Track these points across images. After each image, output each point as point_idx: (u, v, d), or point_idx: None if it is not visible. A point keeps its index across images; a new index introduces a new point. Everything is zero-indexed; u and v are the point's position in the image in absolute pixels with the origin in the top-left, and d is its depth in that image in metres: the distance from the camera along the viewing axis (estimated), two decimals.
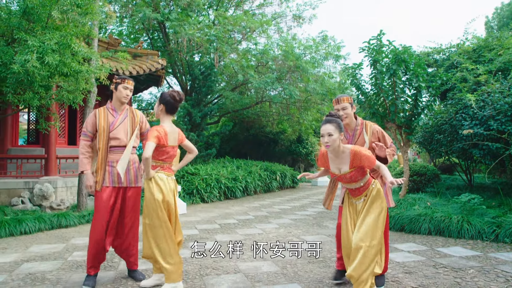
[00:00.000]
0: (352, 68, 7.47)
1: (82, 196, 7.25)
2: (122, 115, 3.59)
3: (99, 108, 3.59)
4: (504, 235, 4.92)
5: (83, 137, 3.53)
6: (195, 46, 11.60)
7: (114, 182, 3.47)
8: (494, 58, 7.65)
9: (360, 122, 3.43)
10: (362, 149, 2.86)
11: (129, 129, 3.58)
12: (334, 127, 2.81)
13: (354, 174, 2.91)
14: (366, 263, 2.81)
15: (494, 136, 6.22)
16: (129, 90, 3.58)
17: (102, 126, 3.47)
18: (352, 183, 2.99)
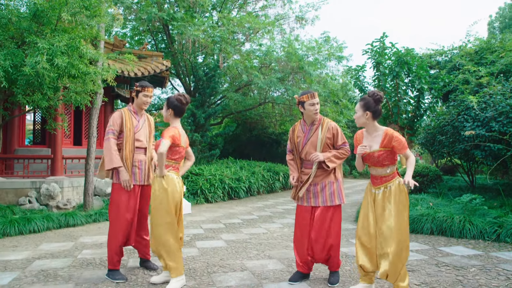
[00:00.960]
0: (355, 70, 7.56)
1: (89, 196, 7.35)
2: (142, 119, 3.87)
3: (123, 109, 3.79)
4: (506, 235, 4.99)
5: (111, 135, 3.63)
6: (199, 47, 11.71)
7: (136, 180, 3.71)
8: (496, 60, 7.73)
9: (319, 118, 3.52)
10: (395, 132, 2.99)
11: (147, 132, 3.86)
12: (360, 106, 3.04)
13: (383, 155, 2.98)
14: (403, 260, 2.90)
15: (496, 138, 6.30)
16: (149, 98, 3.81)
17: (128, 127, 3.69)
18: (378, 167, 3.03)
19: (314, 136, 3.46)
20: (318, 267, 3.92)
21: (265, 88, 12.58)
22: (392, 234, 2.91)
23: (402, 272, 2.92)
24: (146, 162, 3.80)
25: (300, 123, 3.62)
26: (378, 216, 3.02)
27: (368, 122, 3.05)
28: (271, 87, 12.50)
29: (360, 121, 3.07)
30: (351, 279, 3.57)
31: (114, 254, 3.60)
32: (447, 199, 7.33)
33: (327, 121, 3.51)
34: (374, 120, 3.05)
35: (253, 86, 13.20)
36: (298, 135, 3.56)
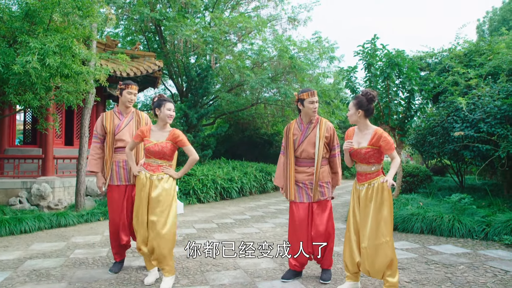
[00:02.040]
0: (347, 71, 7.62)
1: (80, 196, 7.32)
2: (128, 118, 3.88)
3: (106, 112, 3.86)
4: (493, 233, 5.10)
5: (94, 139, 3.84)
6: (191, 48, 11.71)
7: (121, 180, 3.74)
8: (485, 62, 7.86)
9: (316, 117, 3.59)
10: (384, 132, 3.08)
11: (134, 131, 3.82)
12: (353, 104, 3.14)
13: (369, 153, 3.07)
14: (383, 257, 2.96)
15: (484, 138, 6.41)
16: (133, 95, 3.84)
17: (109, 129, 3.74)
18: (364, 164, 3.13)
19: (311, 134, 3.51)
20: (310, 265, 3.96)
21: (257, 88, 12.61)
22: (370, 230, 2.99)
23: (393, 268, 2.98)
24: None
25: (296, 121, 3.65)
26: (361, 212, 3.10)
27: (360, 120, 3.14)
28: (264, 86, 12.53)
29: (352, 119, 3.16)
30: (342, 277, 3.62)
31: (112, 248, 3.84)
32: (437, 199, 7.44)
33: (325, 121, 3.57)
34: (366, 118, 3.14)
35: (246, 87, 13.21)
36: (294, 132, 3.59)
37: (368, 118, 3.16)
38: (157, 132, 3.50)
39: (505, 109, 6.16)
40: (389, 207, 3.01)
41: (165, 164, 3.48)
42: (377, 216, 2.99)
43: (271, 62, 12.86)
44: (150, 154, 3.45)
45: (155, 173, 3.41)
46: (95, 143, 3.82)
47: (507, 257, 4.28)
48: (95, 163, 3.78)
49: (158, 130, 3.51)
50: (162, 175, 3.42)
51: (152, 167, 3.45)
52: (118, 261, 3.85)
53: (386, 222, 2.98)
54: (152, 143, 3.43)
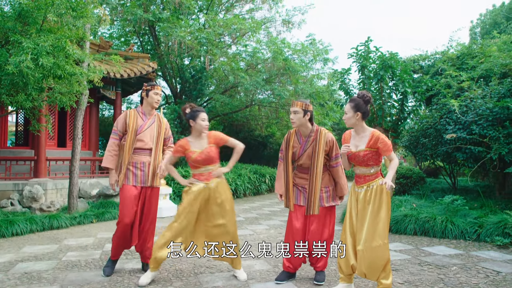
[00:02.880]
0: (341, 73, 7.65)
1: (73, 198, 7.26)
2: (151, 119, 3.83)
3: (130, 110, 3.80)
4: (485, 234, 5.14)
5: (112, 135, 3.76)
6: (185, 49, 11.69)
7: (137, 182, 3.69)
8: (477, 65, 7.94)
9: (315, 129, 3.50)
10: (381, 134, 3.08)
11: (155, 133, 3.81)
12: (350, 107, 3.12)
13: (368, 155, 3.07)
14: (378, 259, 2.96)
15: (476, 140, 6.47)
16: (159, 96, 3.82)
17: (131, 127, 3.69)
18: (363, 166, 3.13)
19: (310, 148, 3.46)
20: (304, 266, 3.96)
21: (252, 90, 12.62)
22: (368, 232, 2.99)
23: (387, 270, 2.99)
24: (150, 164, 3.74)
25: (295, 133, 3.59)
26: (359, 214, 3.11)
27: (357, 122, 3.13)
28: (258, 88, 12.54)
29: (350, 122, 3.15)
30: (336, 278, 3.63)
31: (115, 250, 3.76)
32: (430, 201, 7.49)
33: (324, 133, 3.47)
34: (363, 120, 3.15)
35: (240, 88, 13.22)
36: (294, 145, 3.55)
37: (365, 120, 3.16)
38: (196, 142, 3.58)
39: (497, 111, 6.22)
40: (387, 209, 3.02)
41: (214, 167, 3.59)
42: (375, 218, 3.00)
43: (265, 64, 12.88)
44: (198, 163, 3.53)
45: (210, 180, 3.53)
46: (113, 139, 3.75)
47: (499, 258, 4.31)
48: (111, 159, 3.71)
49: (195, 140, 3.58)
50: (217, 180, 3.57)
51: (204, 176, 3.54)
52: (113, 260, 3.80)
53: (384, 224, 2.99)
54: (196, 153, 3.51)
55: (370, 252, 2.97)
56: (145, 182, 3.71)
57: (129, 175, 3.69)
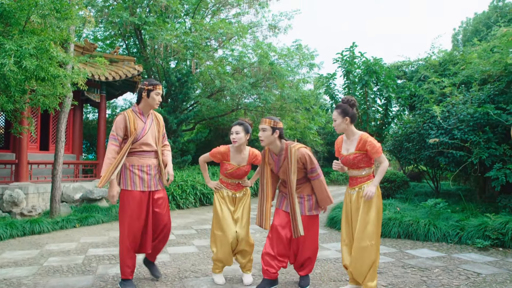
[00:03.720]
0: (326, 78, 7.74)
1: (55, 202, 7.13)
2: (149, 119, 3.56)
3: (126, 111, 3.48)
4: (467, 237, 5.24)
5: (112, 141, 3.40)
6: (171, 53, 11.64)
7: (144, 186, 3.44)
8: (458, 71, 8.12)
9: (284, 147, 3.36)
10: (370, 137, 3.12)
11: (156, 133, 3.58)
12: (338, 113, 3.17)
13: (358, 158, 3.12)
14: (367, 260, 3.01)
15: (458, 145, 6.61)
16: (160, 96, 3.53)
17: (133, 130, 3.40)
18: (354, 169, 3.19)
19: (283, 166, 3.37)
20: (289, 270, 3.97)
21: (238, 94, 12.64)
22: (357, 233, 3.04)
23: (371, 272, 3.02)
24: (156, 167, 3.53)
25: (269, 152, 3.50)
26: (353, 216, 3.16)
27: (347, 127, 3.18)
28: (244, 92, 12.56)
29: (340, 128, 3.19)
30: (321, 282, 3.65)
31: (124, 264, 3.38)
32: (413, 204, 7.59)
33: (293, 151, 3.30)
34: (352, 124, 3.20)
35: (226, 92, 13.22)
36: (269, 162, 3.51)
37: (353, 123, 3.21)
38: (236, 155, 3.62)
39: (477, 116, 6.36)
40: (377, 211, 3.06)
41: (242, 181, 3.70)
42: (365, 219, 3.04)
43: (251, 68, 12.92)
44: (232, 176, 3.63)
45: (237, 191, 3.68)
46: (113, 145, 3.37)
47: (480, 260, 4.41)
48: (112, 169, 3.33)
49: (236, 153, 3.62)
50: (244, 191, 3.73)
51: (233, 186, 3.68)
52: (131, 279, 3.43)
53: (373, 225, 3.02)
54: (234, 167, 3.60)
55: (357, 252, 3.02)
56: (151, 186, 3.47)
57: (135, 179, 3.40)
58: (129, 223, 3.34)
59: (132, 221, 3.34)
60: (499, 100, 6.56)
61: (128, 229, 3.34)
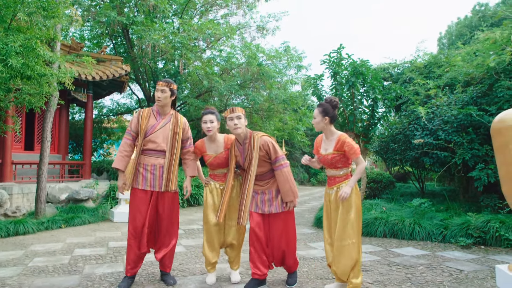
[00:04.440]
0: (314, 79, 7.81)
1: (41, 203, 7.04)
2: (166, 119, 3.55)
3: (144, 108, 3.58)
4: (450, 236, 5.36)
5: (126, 135, 3.55)
6: (159, 53, 11.59)
7: (147, 185, 3.44)
8: (443, 74, 8.28)
9: (248, 135, 3.41)
10: (348, 137, 3.16)
11: (170, 134, 3.52)
12: (318, 112, 3.19)
13: (335, 158, 3.15)
14: (348, 258, 3.04)
15: (442, 146, 6.74)
16: (160, 92, 3.48)
17: (143, 127, 3.47)
18: (332, 168, 3.23)
19: (248, 155, 3.40)
20: (276, 269, 4.00)
21: (226, 94, 12.64)
22: (338, 232, 3.08)
23: (355, 270, 3.07)
24: (163, 167, 3.48)
25: (235, 143, 3.53)
26: (333, 215, 3.21)
27: (326, 126, 3.22)
28: (232, 93, 12.57)
29: (319, 126, 3.22)
30: (308, 280, 3.69)
31: (129, 260, 3.44)
32: (399, 204, 7.72)
33: (257, 139, 3.36)
34: (331, 124, 3.24)
35: (214, 93, 13.20)
36: (235, 154, 3.51)
37: (332, 124, 3.25)
38: (211, 145, 3.62)
39: (461, 118, 6.50)
40: (356, 210, 3.10)
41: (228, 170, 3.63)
42: (345, 218, 3.08)
43: (239, 69, 12.93)
44: (213, 167, 3.62)
45: (224, 182, 3.60)
46: (126, 139, 3.52)
47: (462, 257, 4.51)
48: (121, 159, 3.44)
49: (210, 143, 3.63)
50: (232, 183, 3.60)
51: (220, 177, 3.64)
52: (129, 276, 3.45)
53: (352, 224, 3.06)
54: (211, 157, 3.58)
55: (339, 251, 3.07)
56: (155, 186, 3.45)
57: (139, 178, 3.45)
58: (131, 220, 3.45)
59: (133, 218, 3.44)
60: (481, 102, 6.72)
61: (130, 225, 3.45)
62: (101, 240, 5.67)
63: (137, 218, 3.42)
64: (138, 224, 3.41)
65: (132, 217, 3.44)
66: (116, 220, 7.49)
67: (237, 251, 3.67)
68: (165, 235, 3.57)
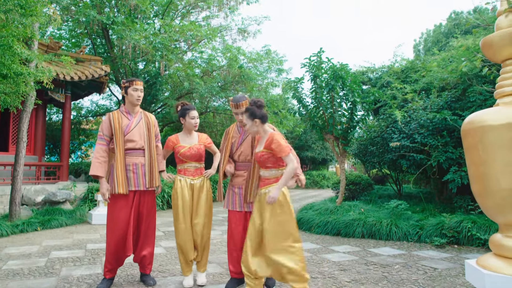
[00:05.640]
0: (294, 82, 7.89)
1: (15, 205, 6.87)
2: (137, 117, 3.59)
3: (113, 112, 3.54)
4: (425, 236, 5.51)
5: (99, 141, 3.47)
6: (140, 54, 11.48)
7: (130, 186, 3.43)
8: (419, 79, 8.51)
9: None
10: (278, 135, 3.04)
11: (145, 131, 3.56)
12: (247, 117, 3.08)
13: (264, 156, 3.01)
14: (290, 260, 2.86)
15: (418, 148, 6.93)
16: (139, 91, 3.52)
17: (117, 128, 3.43)
18: (263, 168, 3.09)
19: (247, 140, 3.45)
20: None
21: (207, 96, 12.62)
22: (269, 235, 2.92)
23: (296, 273, 2.86)
24: (144, 165, 3.50)
25: (236, 125, 3.61)
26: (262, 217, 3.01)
27: (259, 128, 3.10)
28: (213, 95, 12.56)
29: (252, 130, 3.11)
30: None
31: (107, 262, 3.41)
32: (377, 206, 7.87)
33: None
34: (263, 124, 3.12)
35: (195, 95, 13.17)
36: (233, 135, 3.54)
37: (265, 123, 3.14)
38: (186, 138, 3.64)
39: (436, 122, 6.71)
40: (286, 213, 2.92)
41: (201, 166, 3.65)
42: (274, 222, 2.91)
43: (220, 71, 12.95)
44: (186, 158, 3.57)
45: (195, 177, 3.59)
46: (100, 145, 3.43)
47: (436, 256, 4.66)
48: (99, 166, 3.35)
49: (186, 136, 3.65)
50: (201, 178, 3.62)
51: (190, 172, 3.59)
52: (108, 278, 3.44)
53: (284, 228, 2.90)
54: (186, 147, 3.56)
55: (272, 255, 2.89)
56: (139, 186, 3.45)
57: (119, 180, 3.39)
58: (112, 224, 3.38)
59: (115, 223, 3.37)
60: (455, 107, 6.94)
61: (111, 230, 3.39)
62: (79, 243, 5.58)
63: (120, 222, 3.36)
64: (121, 228, 3.36)
65: (114, 222, 3.36)
66: (94, 223, 7.37)
67: (203, 251, 3.60)
68: (145, 235, 3.56)
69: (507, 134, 2.37)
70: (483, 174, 2.51)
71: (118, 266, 3.50)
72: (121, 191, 3.35)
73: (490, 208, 2.54)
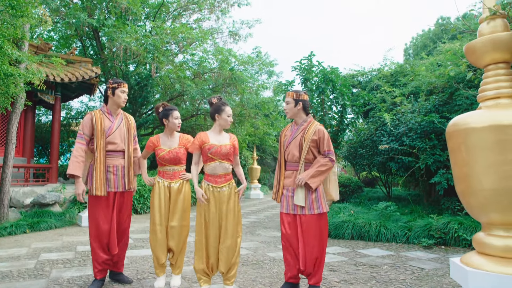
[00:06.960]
0: (285, 85, 7.96)
1: (4, 207, 6.80)
2: (118, 119, 3.58)
3: (94, 111, 3.50)
4: (413, 237, 5.60)
5: (78, 139, 3.42)
6: (131, 55, 11.46)
7: (110, 187, 3.44)
8: (408, 82, 8.66)
9: (308, 120, 3.35)
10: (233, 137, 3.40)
11: (125, 133, 3.57)
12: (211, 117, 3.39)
13: (230, 151, 3.28)
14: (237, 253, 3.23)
15: (406, 151, 7.04)
16: (126, 94, 3.55)
17: (99, 129, 3.40)
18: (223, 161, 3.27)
19: (299, 135, 3.29)
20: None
21: (198, 98, 12.64)
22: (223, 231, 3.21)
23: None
24: (123, 167, 3.53)
25: (292, 124, 3.50)
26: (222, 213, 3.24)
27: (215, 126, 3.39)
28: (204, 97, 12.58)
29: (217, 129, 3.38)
30: (278, 280, 3.78)
31: (94, 263, 3.43)
32: (366, 208, 7.96)
33: (315, 124, 3.29)
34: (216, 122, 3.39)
35: (186, 97, 13.18)
36: (286, 133, 3.47)
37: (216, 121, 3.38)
38: (167, 140, 3.60)
39: (424, 125, 6.83)
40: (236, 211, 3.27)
41: (180, 169, 3.60)
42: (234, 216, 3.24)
43: (212, 74, 12.99)
44: (165, 161, 3.54)
45: (173, 180, 3.53)
46: (80, 144, 3.38)
47: (424, 257, 4.74)
48: (77, 165, 3.30)
49: (167, 138, 3.61)
50: (180, 181, 3.56)
51: (169, 175, 3.55)
52: (99, 279, 3.44)
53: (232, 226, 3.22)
54: (165, 151, 3.54)
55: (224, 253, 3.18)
56: (118, 187, 3.47)
57: (99, 182, 3.37)
58: (95, 225, 3.39)
59: (96, 224, 3.38)
60: (443, 110, 7.08)
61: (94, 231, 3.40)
62: (69, 245, 5.55)
63: (102, 222, 3.38)
64: (104, 229, 3.39)
65: (96, 223, 3.38)
66: (84, 225, 7.33)
67: (178, 254, 3.55)
68: (122, 234, 3.59)
69: (489, 136, 2.45)
70: (467, 174, 2.58)
71: (107, 267, 3.51)
72: (99, 193, 3.34)
73: (473, 207, 2.62)
